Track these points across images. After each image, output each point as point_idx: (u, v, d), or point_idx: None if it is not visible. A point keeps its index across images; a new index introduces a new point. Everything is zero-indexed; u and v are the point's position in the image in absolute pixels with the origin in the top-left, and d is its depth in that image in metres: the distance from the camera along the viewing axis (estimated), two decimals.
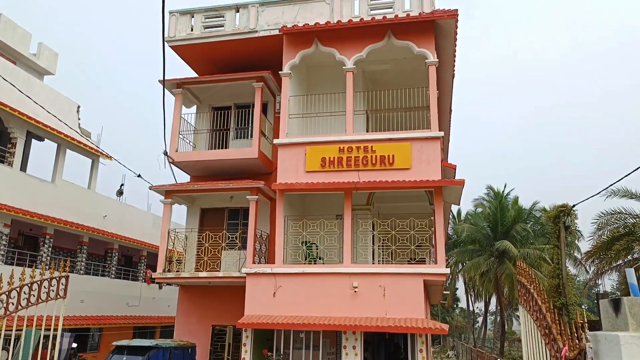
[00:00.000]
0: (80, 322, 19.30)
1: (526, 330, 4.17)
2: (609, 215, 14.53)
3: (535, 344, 3.89)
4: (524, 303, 4.16)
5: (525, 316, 4.20)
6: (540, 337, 3.69)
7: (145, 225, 25.36)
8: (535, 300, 3.73)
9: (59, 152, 20.13)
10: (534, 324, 3.85)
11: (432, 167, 12.68)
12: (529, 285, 3.92)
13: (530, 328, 4.05)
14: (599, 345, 2.61)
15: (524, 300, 4.15)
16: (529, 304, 3.96)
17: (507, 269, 25.37)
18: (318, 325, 11.66)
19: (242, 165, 15.05)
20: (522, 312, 4.26)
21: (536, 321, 3.74)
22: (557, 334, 3.16)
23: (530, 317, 3.95)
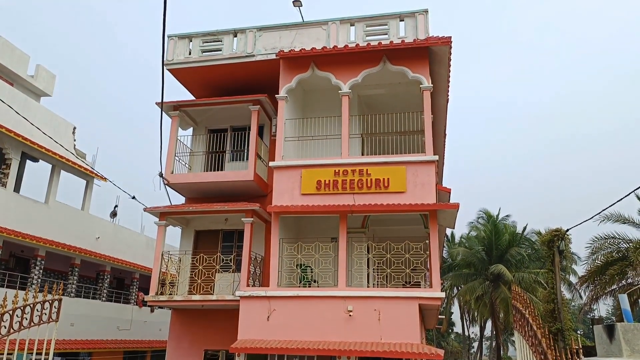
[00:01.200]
0: (69, 346, 18.93)
1: (522, 355, 4.16)
2: (603, 240, 14.62)
3: None
4: (520, 328, 4.15)
5: (520, 341, 4.20)
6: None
7: (139, 247, 25.17)
8: (531, 325, 3.74)
9: (53, 173, 20.09)
10: (529, 350, 3.85)
11: (427, 191, 12.75)
12: (524, 310, 3.93)
13: (525, 353, 4.04)
14: None
15: (519, 326, 4.15)
16: (524, 329, 3.97)
17: (502, 293, 25.27)
18: (312, 350, 11.51)
19: (237, 188, 15.07)
20: (518, 337, 4.25)
21: (532, 347, 3.74)
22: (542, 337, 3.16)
23: (525, 342, 3.94)
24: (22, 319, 4.57)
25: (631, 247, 13.92)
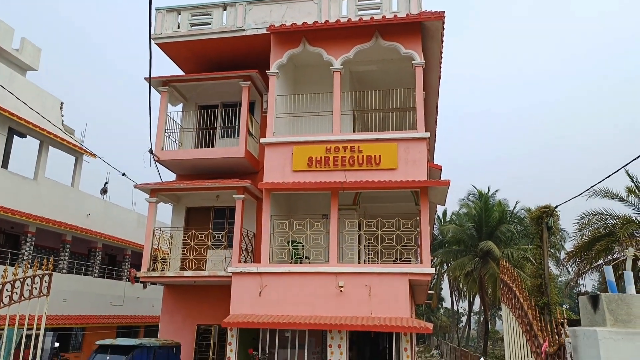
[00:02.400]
0: (62, 321, 19.03)
1: (508, 327, 4.24)
2: (591, 216, 14.81)
3: (517, 340, 3.96)
4: (507, 301, 4.23)
5: (507, 314, 4.28)
6: (522, 333, 3.76)
7: (130, 224, 25.13)
8: (517, 297, 3.80)
9: (42, 149, 19.84)
10: (516, 321, 3.92)
11: (418, 168, 12.78)
12: (512, 283, 4.00)
13: (512, 325, 4.12)
14: (578, 341, 2.67)
15: (507, 299, 4.22)
16: (511, 301, 4.04)
17: (491, 269, 25.67)
18: (303, 324, 11.68)
19: (228, 164, 15.00)
20: (505, 309, 4.33)
21: (518, 318, 3.81)
22: (538, 331, 3.22)
23: (512, 314, 4.02)
24: (12, 293, 4.56)
25: (618, 223, 14.13)
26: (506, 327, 4.35)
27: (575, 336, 2.73)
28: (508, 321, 4.29)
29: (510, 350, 4.25)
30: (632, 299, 2.57)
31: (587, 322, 2.72)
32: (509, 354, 4.29)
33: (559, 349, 2.80)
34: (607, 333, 2.49)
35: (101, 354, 11.55)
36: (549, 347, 2.94)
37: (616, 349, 2.42)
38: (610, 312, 2.53)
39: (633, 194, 14.85)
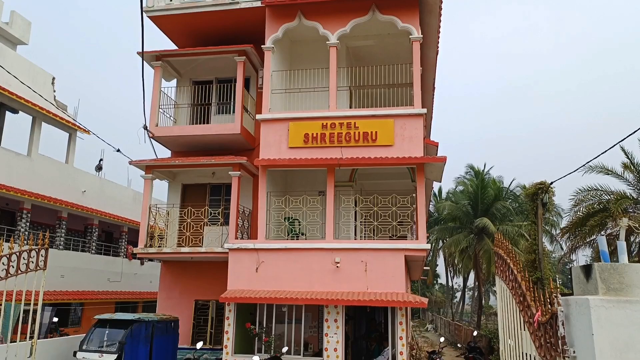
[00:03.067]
0: (60, 296, 19.19)
1: (502, 299, 4.30)
2: (586, 192, 14.89)
3: (510, 311, 4.02)
4: (501, 274, 4.27)
5: (501, 286, 4.33)
6: (515, 304, 3.81)
7: (126, 200, 25.11)
8: (512, 270, 3.84)
9: (34, 125, 19.64)
10: (509, 293, 3.97)
11: (415, 144, 12.75)
12: (506, 256, 4.03)
13: (505, 297, 4.18)
14: (570, 309, 2.71)
15: (501, 271, 4.27)
16: (505, 274, 4.08)
17: (486, 245, 25.91)
18: (300, 299, 11.80)
19: (224, 141, 14.92)
20: (499, 282, 4.39)
21: (512, 290, 3.86)
22: (531, 301, 3.27)
23: (506, 286, 4.07)
24: (9, 266, 4.57)
25: (612, 199, 14.22)
26: (500, 299, 4.41)
27: (568, 305, 2.77)
28: (502, 293, 4.35)
29: (504, 321, 4.31)
30: (624, 268, 2.60)
31: (580, 292, 2.75)
32: (502, 325, 4.36)
33: (551, 317, 2.84)
34: (598, 301, 2.53)
35: (100, 328, 11.66)
36: (541, 317, 2.98)
37: (607, 316, 2.46)
38: (602, 281, 2.56)
39: (628, 169, 14.91)
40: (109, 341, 11.32)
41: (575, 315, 2.61)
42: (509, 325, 4.10)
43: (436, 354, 13.36)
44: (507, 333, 4.26)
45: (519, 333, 3.99)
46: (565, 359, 2.71)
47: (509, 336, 4.16)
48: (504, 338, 4.31)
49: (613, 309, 2.45)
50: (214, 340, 14.56)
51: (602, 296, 2.51)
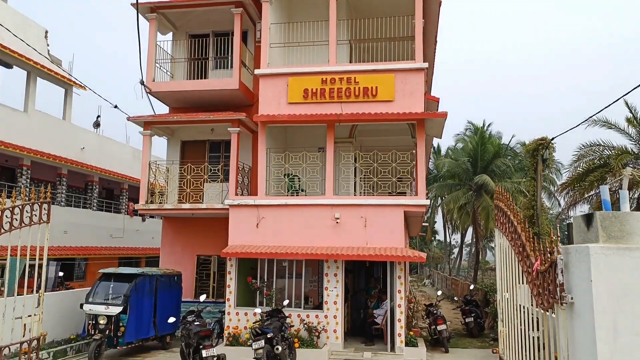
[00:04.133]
0: (64, 252, 19.50)
1: (501, 250, 4.36)
2: (588, 148, 14.76)
3: (509, 262, 4.08)
4: (500, 226, 4.31)
5: (500, 238, 4.38)
6: (514, 255, 3.86)
7: (125, 158, 25.07)
8: (512, 221, 3.87)
9: (30, 81, 19.30)
10: (508, 244, 4.02)
11: (416, 99, 12.60)
12: (506, 208, 4.06)
13: (504, 248, 4.23)
14: (569, 257, 2.74)
15: (500, 223, 4.30)
16: (505, 226, 4.11)
17: (485, 202, 26.05)
18: (300, 254, 12.00)
19: (222, 97, 14.74)
20: (498, 235, 4.43)
21: (511, 241, 3.90)
22: (531, 251, 3.31)
23: (505, 238, 4.11)
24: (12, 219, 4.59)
25: (613, 154, 14.14)
26: (499, 252, 4.47)
27: (567, 253, 2.80)
28: (501, 245, 4.40)
29: (502, 274, 4.39)
30: (625, 216, 2.61)
31: (580, 240, 2.78)
32: (501, 277, 4.44)
33: (551, 266, 2.88)
34: (599, 249, 2.55)
35: (105, 282, 11.89)
36: (540, 266, 3.03)
37: (606, 263, 2.49)
38: (603, 229, 2.58)
39: (632, 124, 14.76)
40: (114, 294, 11.57)
41: (575, 263, 2.64)
42: (506, 279, 4.18)
43: (433, 307, 13.71)
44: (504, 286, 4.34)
45: (515, 286, 4.07)
46: (562, 305, 2.76)
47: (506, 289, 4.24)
48: (501, 291, 4.41)
49: (612, 256, 2.48)
50: (216, 294, 14.92)
51: (603, 244, 2.53)
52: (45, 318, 11.64)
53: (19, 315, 4.69)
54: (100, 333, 11.00)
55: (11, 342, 4.50)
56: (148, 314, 12.17)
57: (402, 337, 11.71)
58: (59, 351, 11.40)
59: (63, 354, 11.49)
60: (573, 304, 2.73)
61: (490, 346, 13.26)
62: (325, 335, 11.94)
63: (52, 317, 11.97)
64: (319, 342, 11.73)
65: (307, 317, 12.09)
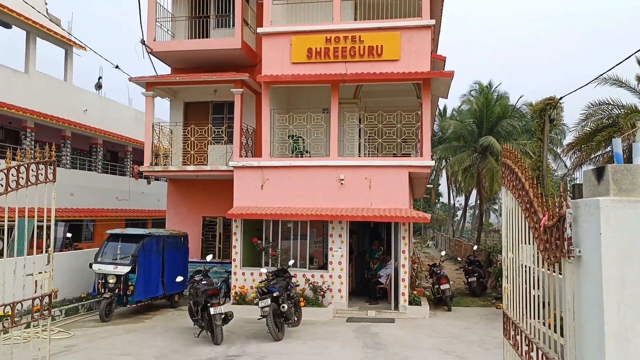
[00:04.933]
0: (72, 213, 19.71)
1: (507, 208, 4.34)
2: (597, 106, 14.45)
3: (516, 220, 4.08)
4: (507, 183, 4.28)
5: (506, 195, 4.36)
6: (521, 212, 3.85)
7: (128, 120, 24.93)
8: (519, 178, 3.84)
9: (29, 41, 18.98)
10: (515, 202, 4.01)
11: (422, 59, 12.35)
12: (514, 165, 4.02)
13: (511, 206, 4.22)
14: (579, 211, 2.73)
15: (507, 180, 4.27)
16: (512, 183, 4.08)
17: (489, 164, 25.97)
18: (305, 215, 12.08)
19: (224, 57, 14.49)
20: (505, 192, 4.41)
21: (518, 198, 3.88)
22: (538, 207, 3.29)
23: (512, 195, 4.09)
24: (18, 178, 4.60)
25: (622, 113, 13.89)
26: (505, 208, 4.45)
27: (577, 207, 2.78)
28: (507, 202, 4.38)
29: (508, 229, 4.39)
30: (638, 169, 2.58)
31: (590, 194, 2.75)
32: (506, 232, 4.44)
33: (559, 220, 2.87)
34: (609, 202, 2.53)
35: (113, 242, 12.07)
36: (548, 221, 3.02)
37: (616, 216, 2.47)
38: (614, 182, 2.55)
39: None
40: (122, 254, 11.76)
41: (584, 217, 2.63)
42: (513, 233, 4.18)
43: (437, 267, 13.89)
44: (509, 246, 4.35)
45: (520, 247, 4.09)
46: (570, 258, 2.77)
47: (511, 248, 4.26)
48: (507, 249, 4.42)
49: (623, 209, 2.46)
50: (222, 255, 15.14)
51: (614, 197, 2.50)
52: (56, 277, 11.88)
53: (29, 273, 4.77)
54: (110, 292, 11.27)
55: (23, 298, 4.58)
56: (156, 274, 12.41)
57: (406, 296, 11.93)
58: (70, 309, 11.71)
59: (75, 312, 11.81)
60: (581, 257, 2.73)
61: (492, 305, 13.52)
62: (330, 294, 12.17)
63: (63, 276, 12.23)
64: (324, 301, 11.97)
65: (312, 277, 12.29)
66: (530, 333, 3.70)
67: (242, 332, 9.99)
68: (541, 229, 3.13)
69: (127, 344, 8.94)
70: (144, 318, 11.71)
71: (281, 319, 9.43)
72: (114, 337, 9.56)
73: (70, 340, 9.26)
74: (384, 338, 9.42)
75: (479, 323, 11.07)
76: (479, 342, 9.15)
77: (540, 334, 3.57)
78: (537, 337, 3.57)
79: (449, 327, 10.59)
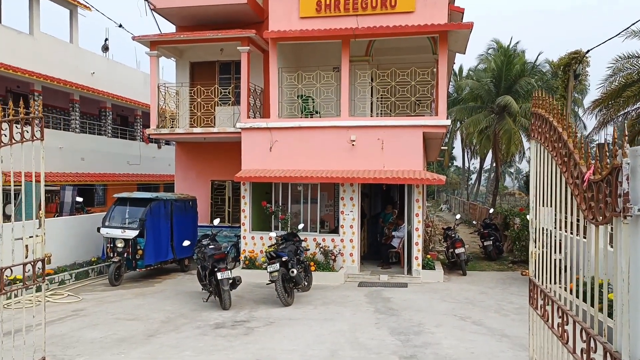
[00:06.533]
0: (83, 178, 19.63)
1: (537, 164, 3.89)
2: (625, 60, 13.50)
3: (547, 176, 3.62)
4: (538, 135, 3.81)
5: (536, 150, 3.89)
6: (556, 166, 3.40)
7: (137, 83, 24.48)
8: (555, 128, 3.37)
9: (33, 0, 18.40)
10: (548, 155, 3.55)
11: (438, 10, 11.59)
12: (547, 114, 3.54)
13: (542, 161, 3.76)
14: (638, 161, 2.28)
15: (538, 133, 3.79)
16: (544, 135, 3.62)
17: (507, 125, 25.14)
18: (315, 177, 11.70)
19: (230, 13, 13.83)
20: (534, 146, 3.94)
21: (552, 151, 3.43)
22: (580, 159, 2.84)
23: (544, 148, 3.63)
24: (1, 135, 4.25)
25: None
26: (534, 164, 3.99)
27: (636, 156, 2.32)
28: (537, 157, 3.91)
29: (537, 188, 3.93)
30: None
31: None
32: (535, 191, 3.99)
33: (610, 173, 2.42)
34: None
35: (120, 206, 11.88)
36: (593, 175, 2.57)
37: None
38: None
39: None
40: (130, 218, 11.58)
41: None
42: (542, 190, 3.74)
43: (451, 230, 13.52)
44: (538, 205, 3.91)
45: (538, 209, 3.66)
46: (625, 218, 2.33)
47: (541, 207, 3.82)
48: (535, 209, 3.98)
49: None
50: (232, 219, 14.93)
51: None
52: (66, 241, 11.87)
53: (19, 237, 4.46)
54: (118, 256, 11.15)
55: (13, 264, 4.30)
56: (165, 238, 12.25)
57: (420, 260, 11.62)
58: (80, 273, 11.65)
59: (85, 276, 11.75)
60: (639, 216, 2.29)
61: (509, 269, 13.18)
62: (341, 258, 11.91)
63: (73, 240, 12.15)
64: (335, 266, 11.73)
65: (322, 240, 12.02)
66: (565, 304, 3.31)
67: (251, 296, 9.82)
68: (585, 184, 2.68)
69: (135, 308, 8.82)
70: (154, 282, 11.62)
71: (290, 283, 9.20)
72: (123, 301, 9.45)
73: (79, 304, 9.18)
74: (396, 303, 9.16)
75: (495, 288, 10.74)
76: (496, 307, 8.84)
77: (573, 306, 3.18)
78: (573, 310, 3.18)
79: (463, 291, 10.29)
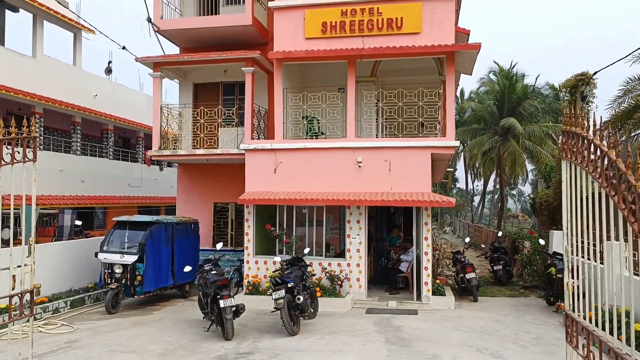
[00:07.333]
0: (83, 201, 19.33)
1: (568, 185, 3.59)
2: (636, 82, 13.36)
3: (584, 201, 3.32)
4: (572, 155, 3.52)
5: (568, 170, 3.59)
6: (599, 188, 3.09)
7: (139, 105, 24.39)
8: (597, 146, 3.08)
9: (36, 24, 18.42)
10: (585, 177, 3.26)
11: (445, 30, 11.46)
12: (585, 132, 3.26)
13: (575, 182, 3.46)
14: None
15: (571, 153, 3.51)
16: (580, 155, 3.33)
17: (511, 147, 24.91)
18: (321, 200, 11.38)
19: (235, 35, 13.74)
20: (566, 166, 3.65)
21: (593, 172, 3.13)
22: (637, 181, 2.54)
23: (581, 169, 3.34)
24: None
25: None
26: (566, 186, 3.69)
27: None
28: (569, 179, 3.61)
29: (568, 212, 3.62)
30: None
31: None
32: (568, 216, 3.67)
33: None
34: None
35: (119, 230, 11.54)
36: None
37: None
38: None
39: None
40: (129, 243, 11.22)
41: None
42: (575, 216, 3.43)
43: (461, 254, 13.11)
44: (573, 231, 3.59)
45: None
46: None
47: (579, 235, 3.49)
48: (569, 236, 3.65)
49: None
50: (235, 242, 14.57)
51: None
52: (62, 267, 11.48)
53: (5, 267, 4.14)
54: (116, 282, 10.76)
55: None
56: (166, 263, 11.87)
57: (429, 285, 11.21)
58: (76, 300, 11.23)
59: (81, 303, 11.33)
60: None
61: (521, 294, 12.73)
62: (348, 284, 11.51)
63: (69, 265, 11.76)
64: (341, 291, 11.31)
65: (329, 265, 11.63)
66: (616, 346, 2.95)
67: (255, 325, 9.39)
68: None
69: (132, 339, 8.39)
70: (152, 309, 11.18)
71: (296, 311, 8.78)
72: (119, 331, 9.02)
73: (73, 334, 8.75)
74: (407, 332, 8.73)
75: (509, 315, 10.29)
76: (513, 337, 8.40)
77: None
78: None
79: (477, 319, 9.84)
